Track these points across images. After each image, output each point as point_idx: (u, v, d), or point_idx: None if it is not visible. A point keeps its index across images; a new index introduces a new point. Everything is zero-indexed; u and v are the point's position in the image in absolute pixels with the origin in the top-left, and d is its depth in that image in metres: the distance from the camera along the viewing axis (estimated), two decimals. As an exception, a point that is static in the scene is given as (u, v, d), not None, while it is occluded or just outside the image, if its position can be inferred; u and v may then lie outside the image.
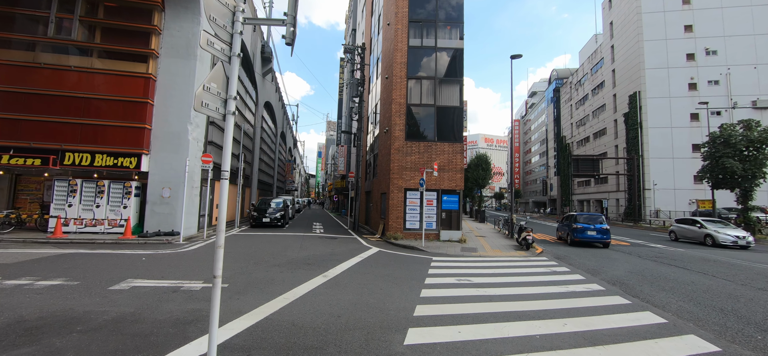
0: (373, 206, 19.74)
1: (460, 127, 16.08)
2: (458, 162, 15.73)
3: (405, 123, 15.90)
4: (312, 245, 12.29)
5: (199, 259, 8.86)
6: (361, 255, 10.61)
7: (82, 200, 12.37)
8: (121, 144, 12.39)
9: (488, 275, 8.45)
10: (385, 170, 16.97)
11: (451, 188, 15.57)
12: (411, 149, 15.71)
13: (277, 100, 38.71)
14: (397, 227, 15.26)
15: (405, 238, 15.09)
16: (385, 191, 16.52)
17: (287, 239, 13.85)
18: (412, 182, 15.50)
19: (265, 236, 14.33)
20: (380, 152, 18.58)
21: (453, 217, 15.69)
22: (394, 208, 15.38)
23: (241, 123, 20.45)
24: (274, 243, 12.37)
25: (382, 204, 17.50)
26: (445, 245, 13.81)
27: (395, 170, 15.55)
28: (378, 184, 18.83)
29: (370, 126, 23.08)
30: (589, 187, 51.34)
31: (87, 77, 12.49)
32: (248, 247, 11.25)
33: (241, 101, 21.41)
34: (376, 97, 20.97)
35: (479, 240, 16.25)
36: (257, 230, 17.05)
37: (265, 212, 18.42)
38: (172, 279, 6.61)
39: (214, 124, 16.29)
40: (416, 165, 15.58)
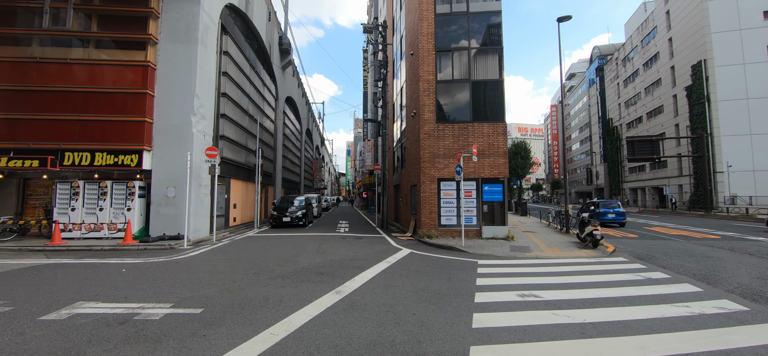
0: (403, 201, 17.71)
1: (500, 104, 13.63)
2: (501, 145, 13.31)
3: (435, 103, 13.70)
4: (332, 248, 10.49)
5: (190, 270, 7.28)
6: (389, 260, 8.63)
7: (84, 204, 11.37)
8: (120, 140, 11.24)
9: (560, 286, 6.17)
10: (414, 159, 14.88)
11: (493, 175, 13.20)
12: (443, 133, 13.50)
13: (300, 96, 37.65)
14: (431, 224, 13.13)
15: (440, 236, 12.95)
16: (416, 182, 14.43)
17: (305, 240, 12.18)
18: (446, 170, 13.30)
19: (282, 238, 12.76)
20: (408, 139, 16.51)
21: (497, 210, 13.31)
22: (427, 202, 13.26)
23: (259, 116, 19.13)
24: (289, 246, 10.71)
25: (413, 198, 15.43)
26: (490, 244, 11.51)
27: (426, 158, 13.42)
28: (407, 176, 16.78)
29: (397, 110, 21.03)
30: (644, 173, 46.17)
31: (84, 70, 11.45)
32: (256, 251, 9.63)
33: (258, 93, 20.15)
34: (401, 80, 18.88)
35: (529, 237, 13.74)
36: (276, 230, 15.59)
37: (286, 211, 16.97)
38: (134, 302, 4.98)
39: (226, 117, 14.97)
40: (450, 151, 13.35)
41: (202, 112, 12.24)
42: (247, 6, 17.51)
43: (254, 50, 20.22)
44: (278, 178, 25.74)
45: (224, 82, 14.85)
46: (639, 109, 46.75)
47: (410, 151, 15.87)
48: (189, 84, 11.73)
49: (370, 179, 40.20)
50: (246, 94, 17.68)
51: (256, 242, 11.53)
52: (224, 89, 14.80)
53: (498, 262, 8.71)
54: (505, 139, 13.34)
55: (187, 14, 11.98)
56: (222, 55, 14.81)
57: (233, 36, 15.92)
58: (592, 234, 10.77)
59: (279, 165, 25.96)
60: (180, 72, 11.77)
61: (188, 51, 11.85)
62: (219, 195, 14.28)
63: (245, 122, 17.62)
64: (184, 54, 11.83)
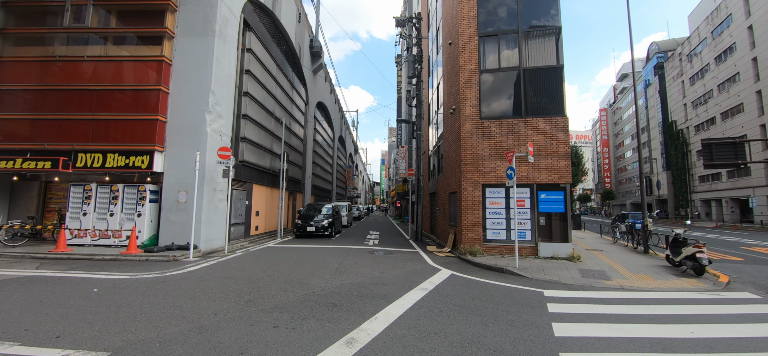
0: (440, 210, 15.70)
1: (559, 94, 11.32)
2: (561, 144, 10.98)
3: (478, 96, 11.69)
4: (355, 265, 8.78)
5: (175, 292, 5.88)
6: (424, 285, 6.74)
7: (96, 208, 10.63)
8: (132, 140, 10.40)
9: (687, 345, 3.95)
10: (453, 163, 12.90)
11: (551, 181, 10.88)
12: (489, 131, 11.43)
13: (333, 102, 36.92)
14: (475, 239, 11.03)
15: (486, 253, 10.82)
16: (455, 189, 12.43)
17: (327, 254, 10.60)
18: (492, 175, 11.19)
19: (301, 250, 11.28)
20: (446, 140, 14.56)
21: (556, 223, 10.93)
22: (470, 212, 11.20)
23: (285, 118, 18.12)
24: (306, 261, 9.16)
25: (452, 208, 13.40)
26: (551, 267, 9.22)
27: (468, 161, 11.40)
28: (445, 182, 14.78)
29: (432, 114, 19.13)
30: (719, 182, 40.22)
31: (100, 67, 10.83)
32: (266, 268, 8.15)
33: (286, 95, 19.20)
34: (437, 76, 17.03)
35: (599, 258, 11.19)
36: (299, 241, 14.21)
37: (311, 220, 15.60)
38: (59, 347, 3.54)
39: (247, 118, 13.95)
40: (497, 151, 11.24)
41: (219, 110, 11.18)
42: (274, 4, 16.64)
43: (282, 51, 19.38)
44: (307, 185, 24.71)
45: (246, 80, 13.87)
46: (711, 109, 41.02)
47: (449, 154, 13.90)
48: (204, 79, 10.72)
49: (404, 187, 38.39)
50: (271, 95, 16.71)
51: (271, 255, 10.11)
52: (246, 88, 13.81)
53: (571, 294, 6.51)
54: (566, 136, 10.99)
55: (205, 6, 11.06)
56: (244, 52, 13.87)
57: (258, 33, 15.00)
58: (694, 258, 8.15)
59: (308, 172, 24.95)
60: (195, 66, 10.81)
61: (204, 44, 10.88)
62: (238, 201, 13.18)
63: (271, 125, 16.62)
64: (200, 47, 10.87)
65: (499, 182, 11.12)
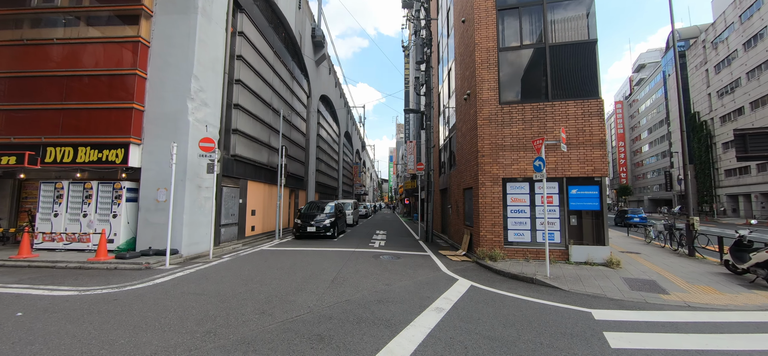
0: (453, 208, 14.27)
1: (592, 73, 9.79)
2: (596, 130, 9.46)
3: (497, 78, 10.23)
4: (356, 274, 7.46)
5: (124, 317, 4.63)
6: (439, 305, 5.38)
7: (68, 208, 9.51)
8: (105, 132, 9.23)
9: None
10: (469, 155, 11.47)
11: (584, 174, 9.38)
12: (510, 117, 9.97)
13: (338, 96, 35.64)
14: (494, 241, 9.61)
15: (508, 257, 9.40)
16: (471, 185, 11.00)
17: (326, 258, 9.31)
18: (514, 168, 9.74)
19: (297, 254, 10.01)
20: (459, 131, 13.11)
21: (590, 223, 9.44)
22: (488, 210, 9.78)
23: (284, 109, 16.88)
24: (299, 268, 7.87)
25: (466, 205, 11.98)
26: (588, 274, 7.76)
27: (486, 152, 9.96)
28: (458, 177, 13.35)
29: (442, 104, 17.66)
30: (748, 176, 37.85)
31: (70, 51, 9.67)
32: (248, 278, 6.88)
33: (285, 86, 17.95)
34: (448, 61, 15.55)
35: (640, 263, 9.68)
36: (298, 243, 12.96)
37: (311, 220, 14.33)
38: None
39: (240, 108, 12.72)
40: (520, 140, 9.78)
41: (204, 97, 9.94)
42: (271, -15, 15.38)
43: (281, 39, 18.12)
44: (311, 182, 23.49)
45: (238, 67, 12.63)
46: (738, 98, 38.58)
47: (463, 145, 12.46)
48: (185, 62, 9.48)
49: (412, 184, 36.94)
50: (268, 85, 15.46)
51: (261, 261, 8.85)
52: (238, 76, 12.58)
53: (628, 316, 5.07)
54: (601, 122, 9.46)
55: (186, -21, 9.81)
56: (236, 36, 12.62)
57: (251, 16, 13.74)
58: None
59: (312, 168, 23.73)
60: (176, 47, 9.58)
61: (186, 22, 9.64)
62: (229, 200, 11.98)
63: (268, 117, 15.38)
64: (181, 26, 9.64)
65: (522, 176, 9.67)
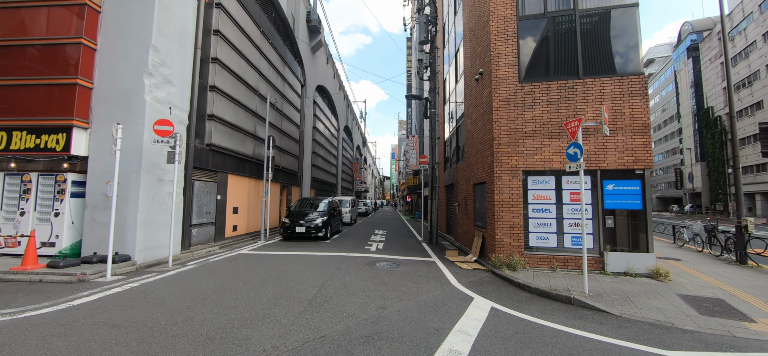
0: (461, 206, 12.63)
1: (633, 44, 8.12)
2: (637, 113, 7.81)
3: (517, 51, 8.58)
4: (343, 290, 5.89)
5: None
6: (453, 347, 3.77)
7: (3, 206, 7.95)
8: (44, 113, 7.65)
9: None
10: (481, 144, 9.83)
11: (623, 165, 7.75)
12: (532, 98, 8.33)
13: (337, 88, 33.99)
14: (513, 246, 8.00)
15: (529, 264, 7.81)
16: (483, 179, 9.38)
17: (309, 267, 7.73)
18: (538, 158, 8.12)
19: (278, 261, 8.43)
20: (469, 117, 11.47)
21: (630, 225, 7.81)
22: (506, 209, 8.16)
23: (272, 95, 15.30)
24: (272, 283, 6.30)
25: (477, 203, 10.36)
26: (634, 290, 6.15)
27: (503, 139, 8.34)
28: (467, 170, 11.72)
29: (448, 91, 16.01)
30: (766, 173, 36.04)
31: (3, 16, 8.07)
32: (200, 299, 5.31)
33: (275, 71, 16.33)
34: (456, 40, 13.88)
35: (690, 273, 8.06)
36: (284, 246, 11.40)
37: (301, 219, 12.74)
38: None
39: (217, 91, 11.13)
40: (545, 126, 8.15)
41: (166, 73, 8.34)
42: (257, -44, 13.74)
43: (271, 19, 16.49)
44: (306, 177, 21.90)
45: (216, 44, 11.03)
46: (757, 92, 36.76)
47: (473, 134, 10.82)
48: (141, 29, 7.88)
49: (415, 180, 35.33)
50: (254, 67, 13.86)
51: (229, 272, 7.27)
52: (215, 54, 10.97)
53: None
54: (644, 103, 7.81)
55: (145, -68, 8.18)
56: (213, 7, 11.01)
57: (233, -12, 12.12)
58: None
59: (307, 162, 22.14)
60: (133, 14, 7.98)
61: (144, -18, 8.02)
62: (203, 196, 10.40)
63: (253, 103, 13.79)
64: (137, -13, 8.02)
65: (547, 168, 8.04)
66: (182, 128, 8.90)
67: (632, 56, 8.04)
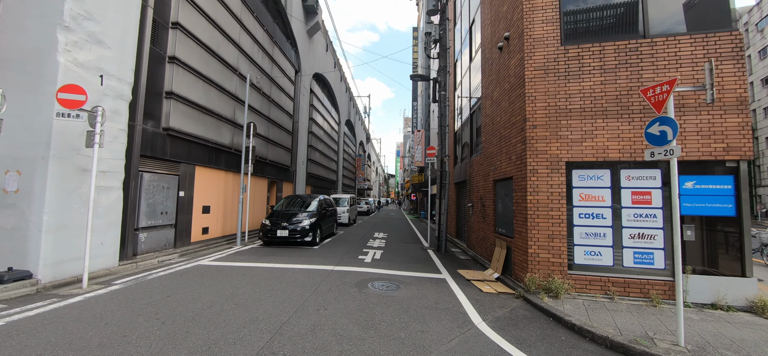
0: (476, 207, 10.50)
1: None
2: (729, 83, 5.66)
3: (558, 5, 6.45)
4: (310, 334, 3.88)
5: None
6: None
7: None
8: None
9: None
10: (506, 128, 7.72)
11: (708, 155, 5.61)
12: (580, 64, 6.21)
13: (338, 79, 31.95)
14: (553, 263, 5.91)
15: (575, 289, 5.73)
16: (510, 173, 7.26)
17: (279, 287, 5.72)
18: (588, 145, 6.01)
19: (239, 277, 6.42)
20: (488, 98, 9.34)
21: (717, 237, 5.67)
22: (540, 213, 6.07)
23: (254, 74, 13.32)
24: (208, 320, 4.31)
25: (499, 205, 8.23)
26: (741, 334, 4.01)
27: (540, 119, 6.24)
28: (485, 164, 9.60)
29: (460, 74, 13.87)
30: (801, 173, 33.33)
31: None
32: (121, 339, 3.31)
33: (262, 51, 14.32)
34: (470, 8, 11.72)
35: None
36: (261, 253, 9.42)
37: (283, 221, 10.71)
38: None
39: (180, 64, 9.14)
40: (598, 101, 6.04)
41: (92, 30, 6.35)
42: None
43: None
44: (300, 172, 19.91)
45: (177, 4, 9.02)
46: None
47: (495, 117, 8.69)
48: (56, -32, 5.88)
49: (420, 177, 33.20)
50: (233, 41, 11.86)
51: (160, 299, 5.29)
52: (176, 17, 8.97)
53: None
54: (739, 69, 5.65)
55: None
56: (175, -39, 9.00)
57: (205, -57, 10.11)
58: None
59: (301, 156, 20.14)
60: (45, -52, 5.98)
61: None
62: (157, 191, 8.41)
63: (232, 84, 11.80)
64: None
65: (601, 159, 5.94)
66: (120, 104, 6.91)
67: (720, 8, 5.88)
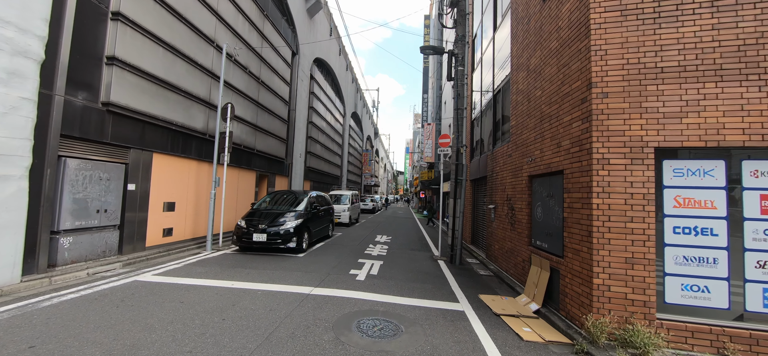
0: (501, 209, 8.36)
1: None
2: None
3: None
4: None
5: None
6: None
7: None
8: None
9: None
10: (551, 103, 5.61)
11: None
12: (678, 3, 4.08)
13: (343, 68, 30.03)
14: (634, 301, 3.83)
15: (671, 344, 3.61)
16: (560, 165, 5.15)
17: (231, 320, 3.83)
18: (689, 123, 3.90)
19: (192, 297, 4.53)
20: (522, 68, 7.22)
21: None
22: (610, 225, 3.98)
23: (231, 43, 11.47)
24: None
25: (538, 209, 6.11)
26: None
27: (613, 86, 4.15)
28: (514, 154, 7.49)
29: (479, 49, 11.73)
30: None
31: None
32: None
33: (245, 19, 12.42)
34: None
35: None
36: (226, 266, 7.55)
37: (264, 223, 8.79)
38: None
39: (127, 21, 7.27)
40: (708, 54, 3.91)
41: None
42: None
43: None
44: (297, 165, 18.06)
45: (128, -51, 7.15)
46: None
47: (531, 92, 6.57)
48: None
49: (429, 174, 31.09)
50: (206, 4, 9.98)
51: (30, 341, 3.42)
52: (126, -36, 7.10)
53: None
54: None
55: None
56: None
57: None
58: None
59: (299, 147, 18.27)
60: None
61: None
62: (89, 184, 6.58)
63: (206, 58, 9.96)
64: None
65: (712, 143, 3.83)
66: (22, 64, 5.07)
67: None
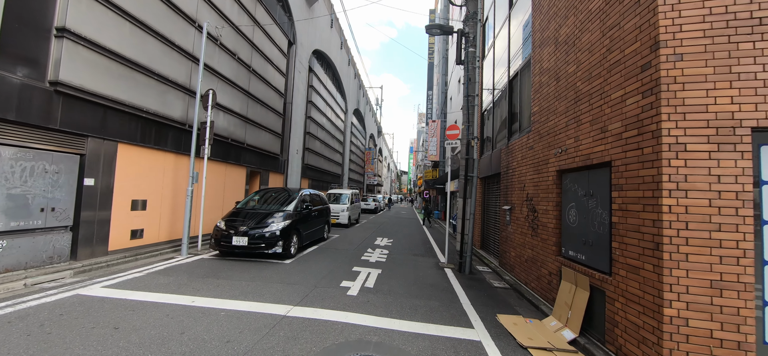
0: (519, 211, 7.24)
1: None
2: None
3: None
4: None
5: None
6: None
7: None
8: None
9: None
10: (589, 78, 4.48)
11: None
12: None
13: (345, 63, 29.00)
14: (722, 342, 2.68)
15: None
16: (603, 156, 4.02)
17: (182, 349, 2.76)
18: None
19: (132, 322, 3.50)
20: (546, 43, 6.09)
21: None
22: (689, 235, 2.84)
23: (210, 22, 10.45)
24: None
25: (570, 212, 4.99)
26: None
27: (690, 45, 3.01)
28: (537, 146, 6.37)
29: (492, 43, 10.62)
30: None
31: None
32: None
33: (239, 5, 11.40)
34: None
35: None
36: (197, 274, 6.52)
37: (247, 224, 7.73)
38: None
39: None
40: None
41: None
42: None
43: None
44: (293, 162, 17.03)
45: None
46: None
47: (559, 71, 5.45)
48: None
49: (433, 173, 29.99)
50: (190, -17, 8.96)
51: None
52: None
53: None
54: None
55: None
56: None
57: None
58: None
59: (296, 143, 17.25)
60: None
61: None
62: (36, 177, 5.56)
63: (186, 40, 8.93)
64: None
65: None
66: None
67: None
